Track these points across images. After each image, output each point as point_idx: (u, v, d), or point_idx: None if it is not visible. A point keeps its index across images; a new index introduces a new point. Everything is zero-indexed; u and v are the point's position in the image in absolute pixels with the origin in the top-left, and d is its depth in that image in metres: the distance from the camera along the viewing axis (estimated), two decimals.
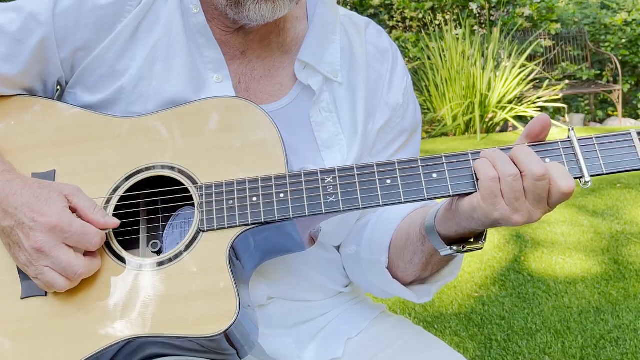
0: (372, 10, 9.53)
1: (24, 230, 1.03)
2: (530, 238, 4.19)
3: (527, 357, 2.86)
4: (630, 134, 1.00)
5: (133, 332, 1.02)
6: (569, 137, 1.01)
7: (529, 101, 8.20)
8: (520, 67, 7.98)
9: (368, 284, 1.31)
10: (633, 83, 9.86)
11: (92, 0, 1.17)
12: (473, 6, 9.33)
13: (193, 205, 1.09)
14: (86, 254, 1.05)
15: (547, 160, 1.00)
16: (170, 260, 1.06)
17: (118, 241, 1.09)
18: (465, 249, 1.07)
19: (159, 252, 1.14)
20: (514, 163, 0.97)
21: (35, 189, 1.06)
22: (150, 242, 1.15)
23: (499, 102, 7.90)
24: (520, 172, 0.96)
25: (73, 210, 1.05)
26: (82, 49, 1.18)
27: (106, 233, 1.08)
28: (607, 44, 9.73)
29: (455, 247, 1.07)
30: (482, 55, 7.99)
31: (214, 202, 1.07)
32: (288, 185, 1.06)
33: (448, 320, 3.22)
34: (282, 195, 1.05)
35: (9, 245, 1.07)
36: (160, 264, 1.06)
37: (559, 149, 1.01)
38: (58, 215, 1.02)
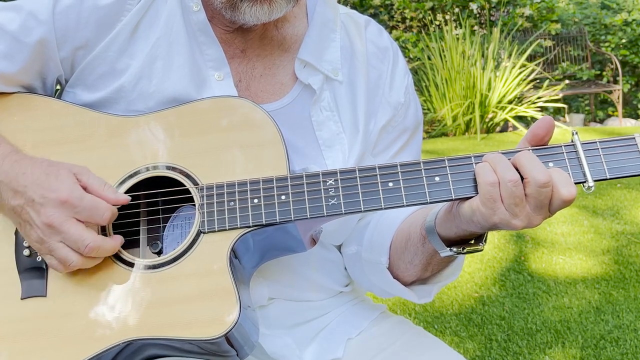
0: (372, 10, 9.52)
1: (35, 207, 1.04)
2: (530, 238, 4.19)
3: (527, 357, 2.86)
4: (634, 138, 0.99)
5: (133, 333, 1.01)
6: (572, 141, 1.01)
7: (529, 101, 8.20)
8: (520, 67, 7.97)
9: (369, 283, 1.31)
10: (633, 83, 9.86)
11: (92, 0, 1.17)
12: (473, 6, 9.32)
13: (193, 204, 1.09)
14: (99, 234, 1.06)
15: (551, 164, 0.99)
16: (171, 261, 1.06)
17: None
18: (465, 251, 1.07)
19: (159, 253, 1.14)
20: (517, 169, 0.97)
21: (45, 167, 1.07)
22: (151, 243, 1.15)
23: (499, 102, 7.90)
24: (524, 178, 0.96)
25: (83, 187, 1.06)
26: (82, 48, 1.18)
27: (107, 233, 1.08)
28: (607, 44, 9.73)
29: (455, 249, 1.07)
30: (482, 55, 7.98)
31: (214, 204, 1.07)
32: (289, 187, 1.05)
33: (448, 320, 3.22)
34: (283, 197, 1.05)
35: (19, 225, 1.08)
36: (161, 265, 1.06)
37: (563, 152, 1.00)
38: (69, 190, 1.03)
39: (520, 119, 8.17)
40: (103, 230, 1.10)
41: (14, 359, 1.03)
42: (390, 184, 1.03)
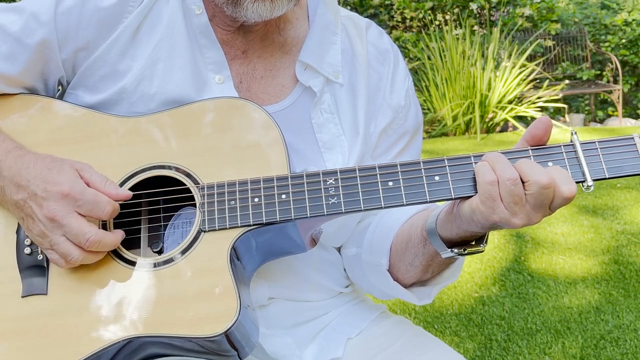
0: (372, 10, 9.52)
1: (37, 200, 1.04)
2: (530, 238, 4.20)
3: (527, 357, 2.86)
4: (633, 138, 0.99)
5: (133, 331, 1.02)
6: (571, 141, 1.01)
7: (529, 101, 8.20)
8: (520, 67, 7.97)
9: (369, 285, 1.31)
10: (633, 83, 9.86)
11: (94, 1, 1.17)
12: (473, 6, 9.32)
13: (194, 205, 1.09)
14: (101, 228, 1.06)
15: (550, 163, 1.00)
16: (171, 260, 1.06)
17: None
18: (466, 252, 1.07)
19: (160, 252, 1.14)
20: (520, 176, 0.96)
21: (48, 162, 1.08)
22: (152, 242, 1.15)
23: (499, 102, 7.90)
24: (525, 182, 0.96)
25: (85, 183, 1.06)
26: (83, 49, 1.18)
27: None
28: (607, 44, 9.73)
29: (456, 250, 1.07)
30: (482, 55, 7.98)
31: (215, 203, 1.07)
32: (290, 186, 1.06)
33: (448, 320, 3.22)
34: (283, 196, 1.05)
35: (22, 219, 1.08)
36: (162, 264, 1.06)
37: (562, 152, 1.00)
38: (70, 183, 1.04)
39: (520, 119, 8.17)
40: (104, 227, 1.10)
41: (14, 356, 1.03)
42: (390, 183, 1.03)
